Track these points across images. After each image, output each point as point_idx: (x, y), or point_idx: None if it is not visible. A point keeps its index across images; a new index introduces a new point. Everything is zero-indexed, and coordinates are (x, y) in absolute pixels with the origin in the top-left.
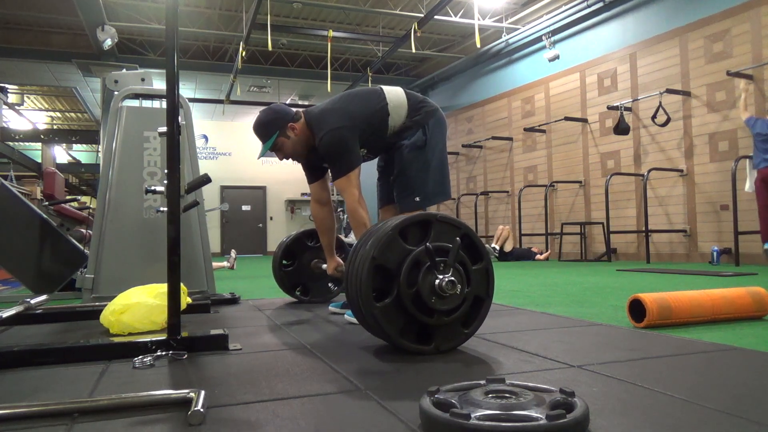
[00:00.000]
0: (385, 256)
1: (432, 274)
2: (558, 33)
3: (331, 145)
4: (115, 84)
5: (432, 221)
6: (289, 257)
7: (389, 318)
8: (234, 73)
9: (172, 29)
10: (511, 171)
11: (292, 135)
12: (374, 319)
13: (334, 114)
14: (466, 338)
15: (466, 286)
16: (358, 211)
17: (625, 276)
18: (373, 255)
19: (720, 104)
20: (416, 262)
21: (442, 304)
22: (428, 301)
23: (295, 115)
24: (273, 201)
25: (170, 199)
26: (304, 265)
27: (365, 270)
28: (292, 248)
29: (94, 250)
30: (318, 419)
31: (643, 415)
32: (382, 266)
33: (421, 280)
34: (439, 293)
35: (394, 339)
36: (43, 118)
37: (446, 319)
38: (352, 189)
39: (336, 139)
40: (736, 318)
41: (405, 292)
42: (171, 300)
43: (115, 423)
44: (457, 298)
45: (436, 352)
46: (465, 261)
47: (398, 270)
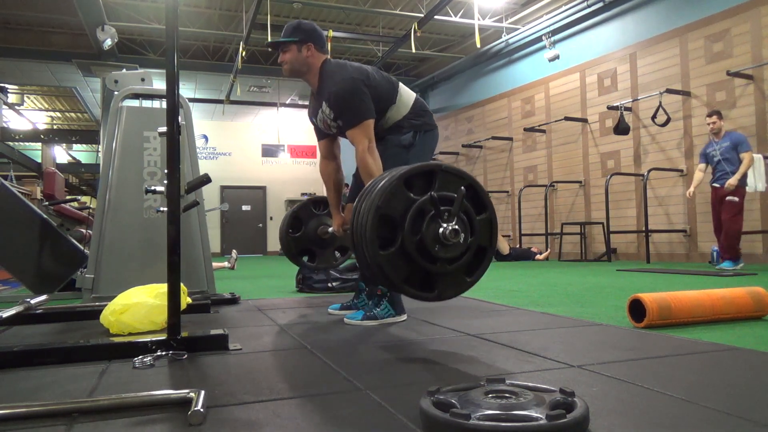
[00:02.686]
0: (389, 205)
1: (436, 223)
2: (558, 33)
3: (346, 92)
4: (115, 84)
5: (437, 171)
6: (296, 224)
7: (394, 266)
8: (234, 73)
9: (172, 29)
10: (511, 171)
11: (305, 53)
12: (379, 267)
13: (354, 69)
14: (469, 286)
15: (469, 236)
16: (368, 161)
17: (625, 276)
18: (378, 204)
19: (720, 104)
20: (421, 211)
21: (446, 252)
22: (432, 249)
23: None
24: (273, 201)
25: (170, 199)
26: (310, 232)
27: (370, 219)
28: (299, 215)
29: (94, 250)
30: (318, 419)
31: (643, 415)
32: (387, 215)
33: (425, 228)
34: (442, 242)
35: (398, 286)
36: (43, 118)
37: (449, 267)
38: (364, 139)
39: (352, 87)
40: (736, 318)
41: (409, 240)
42: (171, 300)
43: (115, 423)
44: (461, 247)
45: (438, 299)
46: (469, 211)
47: (403, 219)
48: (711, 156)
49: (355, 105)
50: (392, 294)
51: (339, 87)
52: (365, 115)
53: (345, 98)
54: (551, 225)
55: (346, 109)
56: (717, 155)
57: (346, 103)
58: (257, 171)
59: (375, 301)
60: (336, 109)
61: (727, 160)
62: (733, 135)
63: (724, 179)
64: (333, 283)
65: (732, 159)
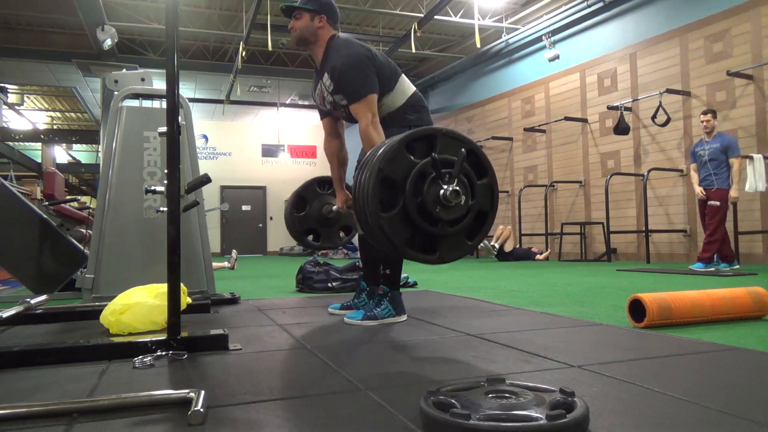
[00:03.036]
0: (391, 168)
1: (437, 185)
2: (558, 33)
3: (352, 66)
4: (115, 84)
5: (437, 135)
6: (300, 204)
7: (395, 228)
8: (234, 73)
9: (172, 29)
10: (511, 171)
11: (315, 24)
12: (381, 229)
13: (360, 45)
14: (471, 250)
15: (470, 199)
16: (371, 135)
17: (625, 276)
18: (379, 167)
19: (720, 104)
20: (422, 173)
21: (447, 214)
22: (433, 211)
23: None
24: (273, 201)
25: (170, 199)
26: (315, 212)
27: (372, 181)
28: (303, 195)
29: (94, 250)
30: (318, 419)
31: (643, 415)
32: (388, 178)
33: (426, 190)
34: (443, 203)
35: (400, 249)
36: (43, 118)
37: (450, 229)
38: (367, 113)
39: (357, 61)
40: (736, 318)
41: (410, 202)
42: (171, 300)
43: (115, 423)
44: (462, 209)
45: (441, 261)
46: (470, 174)
47: (404, 181)
48: (699, 155)
49: (360, 79)
50: (393, 294)
51: (345, 60)
52: (369, 90)
53: (350, 72)
54: (551, 225)
55: (349, 83)
56: (705, 155)
57: (351, 77)
58: (257, 171)
59: (376, 300)
60: (339, 82)
61: (714, 162)
62: (724, 137)
63: (708, 181)
64: (333, 283)
65: (719, 161)
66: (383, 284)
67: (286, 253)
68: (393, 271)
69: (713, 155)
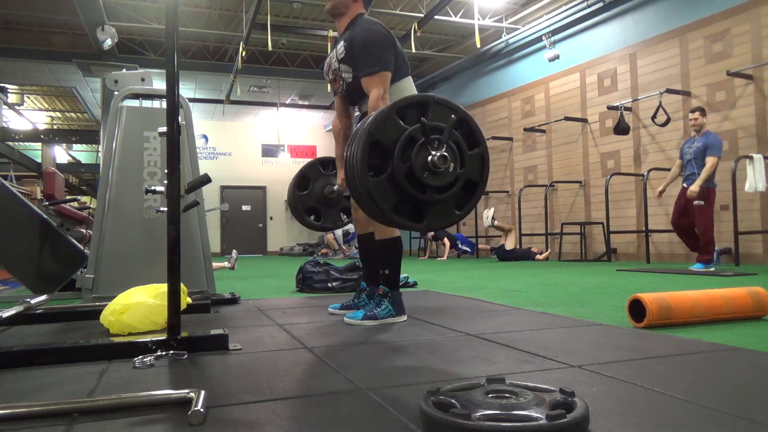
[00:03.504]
0: (381, 133)
1: (425, 151)
2: (558, 33)
3: (373, 39)
4: (115, 84)
5: (430, 102)
6: (303, 183)
7: (383, 194)
8: (234, 73)
9: (172, 29)
10: (511, 171)
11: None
12: (369, 194)
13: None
14: (458, 219)
15: (459, 167)
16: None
17: (625, 276)
18: (369, 131)
19: (720, 104)
20: (411, 138)
21: (434, 180)
22: (421, 177)
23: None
24: (273, 201)
25: (170, 199)
26: (317, 191)
27: (361, 145)
28: (306, 174)
29: (94, 250)
30: (318, 419)
31: (643, 415)
32: (378, 142)
33: (414, 155)
34: (431, 169)
35: (387, 215)
36: (43, 118)
37: (438, 196)
38: (380, 86)
39: (380, 37)
40: (736, 318)
41: (399, 167)
42: (171, 300)
43: (115, 423)
44: (450, 176)
45: (428, 229)
46: (460, 142)
47: (393, 146)
48: (685, 153)
49: (377, 53)
50: (393, 294)
51: (367, 32)
52: (385, 66)
53: (369, 44)
54: (551, 225)
55: (367, 54)
56: (689, 154)
57: (369, 49)
58: (257, 171)
59: (376, 300)
60: (352, 52)
61: (698, 161)
62: (709, 136)
63: (691, 180)
64: (333, 283)
65: (700, 161)
66: (383, 284)
67: (286, 253)
68: (392, 272)
69: (696, 154)
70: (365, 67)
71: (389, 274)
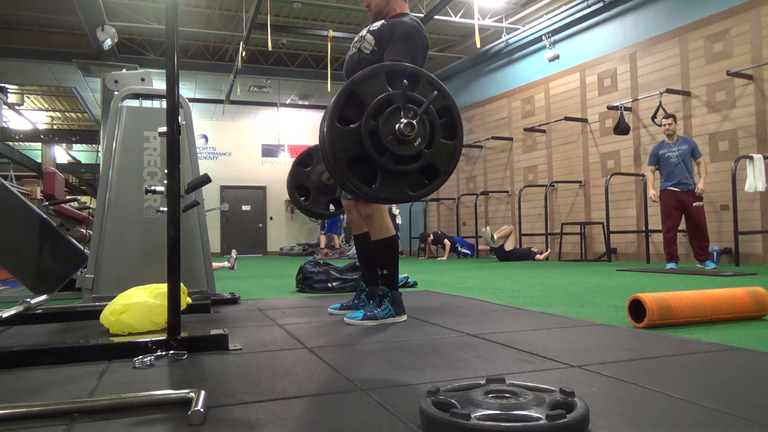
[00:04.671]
0: (363, 86)
1: (397, 115)
2: (558, 33)
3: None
4: (115, 84)
5: (421, 76)
6: (306, 161)
7: (344, 144)
8: (234, 73)
9: (172, 29)
10: (511, 171)
11: None
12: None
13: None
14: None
15: (425, 146)
16: None
17: (625, 276)
18: (353, 81)
19: (720, 104)
20: (388, 101)
21: (397, 147)
22: (384, 137)
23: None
24: (273, 201)
25: (170, 199)
26: (316, 174)
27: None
28: (313, 154)
29: (94, 250)
30: (318, 419)
31: (643, 415)
32: (356, 93)
33: (384, 117)
34: (397, 135)
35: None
36: (43, 118)
37: (395, 166)
38: None
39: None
40: (736, 318)
41: (368, 122)
42: (171, 300)
43: (115, 423)
44: (412, 149)
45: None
46: (435, 123)
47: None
48: (666, 158)
49: (411, 49)
50: (393, 294)
51: (403, 25)
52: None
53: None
54: (551, 225)
55: (395, 44)
56: (674, 158)
57: (405, 42)
58: (257, 171)
59: (377, 301)
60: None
61: (685, 163)
62: (689, 140)
63: (686, 184)
64: (333, 283)
65: (688, 163)
66: (383, 285)
67: (286, 253)
68: (390, 272)
69: (684, 157)
70: (394, 53)
71: (388, 275)
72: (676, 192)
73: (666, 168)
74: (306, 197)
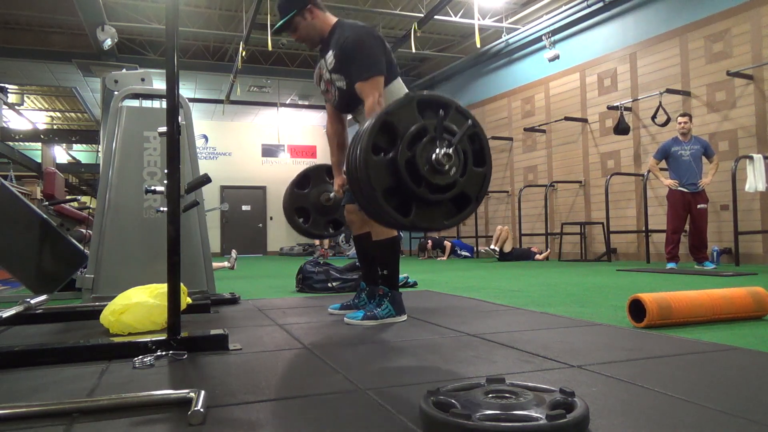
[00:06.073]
0: (397, 116)
1: (433, 145)
2: (558, 33)
3: (359, 40)
4: (115, 84)
5: (451, 106)
6: (304, 182)
7: (379, 174)
8: (234, 73)
9: (172, 29)
10: (511, 171)
11: (310, 19)
12: (365, 171)
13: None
14: (443, 228)
15: (460, 174)
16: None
17: (625, 276)
18: (387, 111)
19: (720, 104)
20: (423, 130)
21: (433, 177)
22: (421, 168)
23: (320, 5)
24: (273, 201)
25: (170, 199)
26: (313, 195)
27: (373, 122)
28: (309, 175)
29: (94, 250)
30: (318, 419)
31: (643, 415)
32: (390, 123)
33: (421, 147)
34: (433, 165)
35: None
36: (43, 118)
37: (431, 195)
38: (374, 91)
39: (368, 39)
40: (736, 318)
41: (403, 152)
42: (171, 300)
43: (115, 423)
44: (449, 178)
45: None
46: (468, 152)
47: (404, 131)
48: (678, 155)
49: (369, 57)
50: (393, 294)
51: (352, 34)
52: (377, 70)
53: (360, 49)
54: (551, 225)
55: (356, 59)
56: (687, 156)
57: (360, 54)
58: (257, 171)
59: (377, 301)
60: (343, 60)
61: (695, 164)
62: (701, 140)
63: (694, 185)
64: (333, 283)
65: (699, 163)
66: (383, 285)
67: (286, 253)
68: (390, 272)
69: (695, 157)
70: (359, 73)
71: (388, 275)
72: (684, 193)
73: (677, 166)
74: (305, 219)
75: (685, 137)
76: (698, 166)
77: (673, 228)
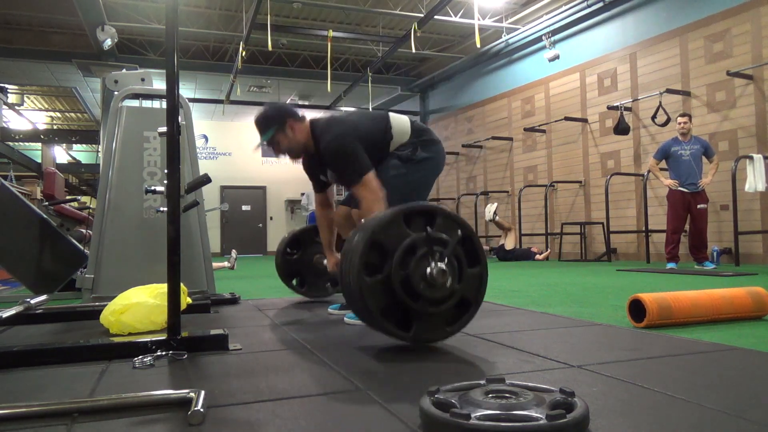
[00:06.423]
0: (384, 233)
1: (426, 261)
2: (558, 33)
3: (338, 151)
4: (115, 84)
5: (437, 213)
6: (294, 246)
7: (375, 295)
8: (234, 73)
9: (172, 29)
10: (511, 171)
11: (291, 134)
12: (360, 293)
13: (341, 124)
14: (447, 336)
15: (456, 282)
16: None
17: (625, 276)
18: (373, 230)
19: (720, 104)
20: (413, 246)
21: (430, 292)
22: (417, 286)
23: (298, 116)
24: (273, 201)
25: (170, 199)
26: (307, 258)
27: (362, 242)
28: (299, 238)
29: (94, 250)
30: (318, 419)
31: (643, 415)
32: (379, 242)
33: (414, 263)
34: (428, 280)
35: (374, 316)
36: (43, 118)
37: (431, 309)
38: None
39: (343, 145)
40: (736, 318)
41: (396, 271)
42: (171, 300)
43: (115, 423)
44: (446, 290)
45: (413, 341)
46: (461, 259)
47: (394, 250)
48: (678, 155)
49: (351, 162)
50: None
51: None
52: (363, 170)
53: (338, 158)
54: (551, 225)
55: (342, 169)
56: (687, 156)
57: (341, 163)
58: (257, 171)
59: None
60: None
61: (695, 164)
62: (702, 140)
63: (694, 185)
64: None
65: (699, 163)
66: None
67: None
68: None
69: (695, 157)
70: (350, 180)
71: None
72: (684, 193)
73: (677, 166)
74: (301, 284)
75: (685, 137)
76: (698, 166)
77: (673, 228)
